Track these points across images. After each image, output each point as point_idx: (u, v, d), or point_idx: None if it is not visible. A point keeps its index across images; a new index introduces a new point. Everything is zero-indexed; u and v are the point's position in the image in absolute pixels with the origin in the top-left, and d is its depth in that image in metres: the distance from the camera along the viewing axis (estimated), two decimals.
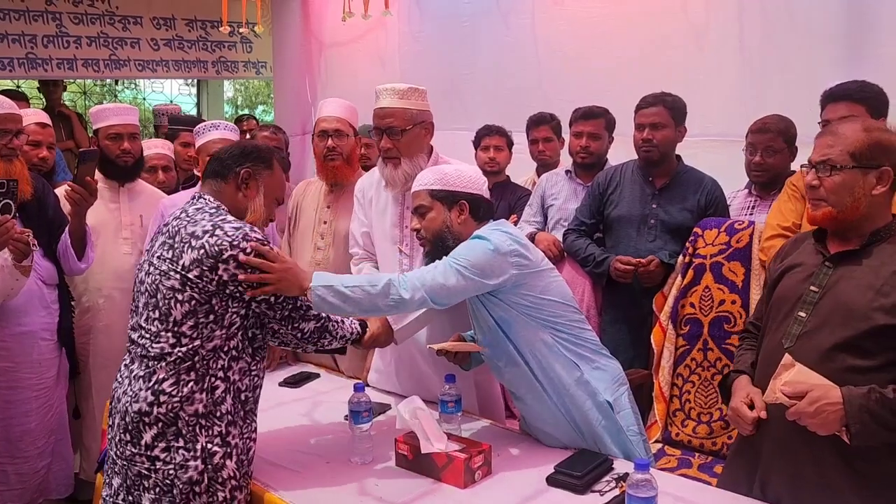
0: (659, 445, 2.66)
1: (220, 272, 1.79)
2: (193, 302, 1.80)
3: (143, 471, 1.80)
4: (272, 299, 1.88)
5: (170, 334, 1.81)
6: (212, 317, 1.82)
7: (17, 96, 4.73)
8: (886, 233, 1.75)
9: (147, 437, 1.79)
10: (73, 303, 3.04)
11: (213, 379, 1.83)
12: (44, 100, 6.31)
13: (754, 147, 2.87)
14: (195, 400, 1.80)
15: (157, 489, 1.78)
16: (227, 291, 1.81)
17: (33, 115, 3.25)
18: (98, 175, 2.99)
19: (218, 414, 1.83)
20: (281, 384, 2.77)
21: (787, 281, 1.87)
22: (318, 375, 2.86)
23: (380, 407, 2.44)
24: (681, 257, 2.79)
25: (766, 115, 2.90)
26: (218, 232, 1.81)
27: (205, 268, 1.79)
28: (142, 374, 1.83)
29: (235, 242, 1.80)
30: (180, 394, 1.80)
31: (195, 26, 7.09)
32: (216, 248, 1.79)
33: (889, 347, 1.67)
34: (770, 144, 2.82)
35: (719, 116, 3.54)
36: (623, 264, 2.87)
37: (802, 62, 3.39)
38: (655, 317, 2.82)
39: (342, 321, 2.08)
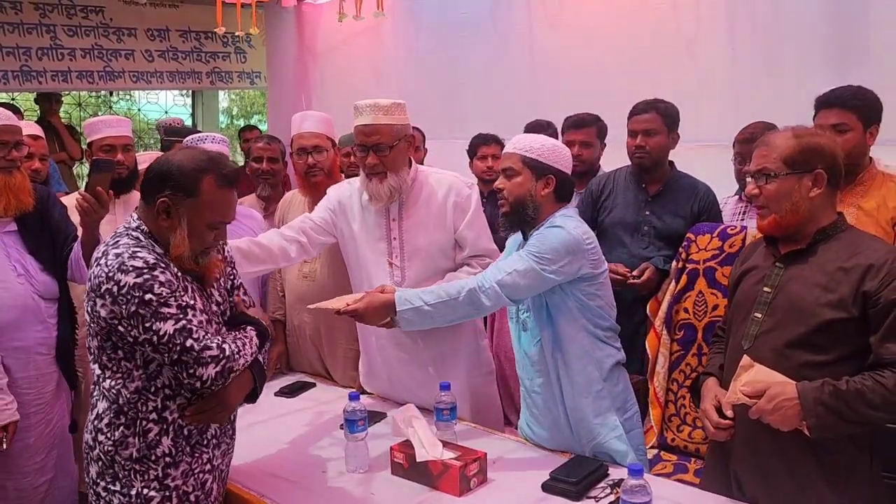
0: (655, 451, 2.66)
1: (98, 308, 1.66)
2: (99, 337, 1.71)
3: (93, 500, 1.81)
4: (155, 339, 1.63)
5: (96, 365, 1.77)
6: (120, 353, 1.71)
7: (10, 109, 4.72)
8: (832, 231, 1.81)
9: (93, 471, 1.80)
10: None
11: (144, 423, 1.74)
12: (38, 112, 6.31)
13: (742, 157, 2.88)
14: (128, 444, 1.74)
15: None
16: (120, 330, 1.66)
17: (25, 127, 3.21)
18: None
19: (153, 457, 1.75)
20: (276, 394, 2.77)
21: (744, 284, 1.93)
22: (313, 385, 2.86)
23: (375, 416, 2.43)
24: (674, 262, 2.80)
25: (756, 121, 2.92)
26: (101, 260, 1.67)
27: (91, 302, 1.68)
28: (92, 401, 1.81)
29: (111, 275, 1.63)
30: (113, 438, 1.74)
31: (189, 37, 7.11)
32: (96, 282, 1.66)
33: (840, 341, 1.72)
34: None
35: (711, 122, 3.56)
36: (611, 272, 2.86)
37: (793, 68, 3.42)
38: (650, 322, 2.82)
39: (250, 359, 1.80)
